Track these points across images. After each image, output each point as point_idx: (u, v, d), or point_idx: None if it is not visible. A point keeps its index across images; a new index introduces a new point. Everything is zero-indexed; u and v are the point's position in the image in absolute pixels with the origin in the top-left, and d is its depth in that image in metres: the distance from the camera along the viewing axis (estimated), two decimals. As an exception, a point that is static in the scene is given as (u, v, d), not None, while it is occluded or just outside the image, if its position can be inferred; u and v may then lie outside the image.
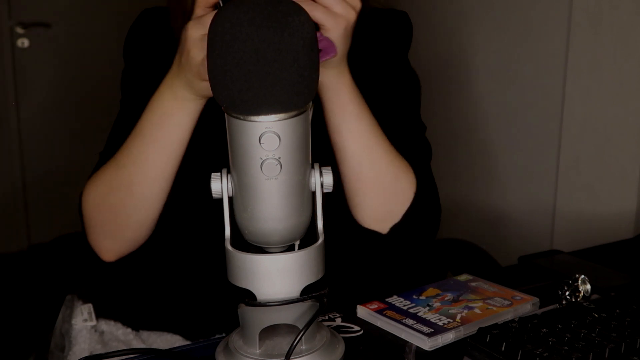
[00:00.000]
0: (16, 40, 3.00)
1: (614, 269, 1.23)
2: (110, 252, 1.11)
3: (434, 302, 1.02)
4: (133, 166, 1.04)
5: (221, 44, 0.72)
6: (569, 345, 0.87)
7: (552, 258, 1.39)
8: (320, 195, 0.82)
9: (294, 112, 0.75)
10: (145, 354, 0.97)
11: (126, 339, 1.17)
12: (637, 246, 1.55)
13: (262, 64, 0.72)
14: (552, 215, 2.15)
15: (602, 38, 1.96)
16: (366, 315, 1.01)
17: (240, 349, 0.85)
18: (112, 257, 1.11)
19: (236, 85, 0.73)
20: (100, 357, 0.95)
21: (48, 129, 3.07)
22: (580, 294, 1.03)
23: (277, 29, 0.72)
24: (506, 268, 1.43)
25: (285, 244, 0.82)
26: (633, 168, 1.94)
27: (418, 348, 0.94)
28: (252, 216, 0.79)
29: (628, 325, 0.92)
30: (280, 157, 0.76)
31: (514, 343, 0.88)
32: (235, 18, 0.72)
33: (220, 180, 0.81)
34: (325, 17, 0.93)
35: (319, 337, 0.86)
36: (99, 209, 1.08)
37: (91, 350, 1.15)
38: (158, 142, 1.02)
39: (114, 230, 1.08)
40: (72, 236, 2.01)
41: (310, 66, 0.74)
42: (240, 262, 0.81)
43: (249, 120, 0.75)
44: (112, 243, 1.10)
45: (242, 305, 0.83)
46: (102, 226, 1.09)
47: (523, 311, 1.02)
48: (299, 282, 0.81)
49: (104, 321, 1.20)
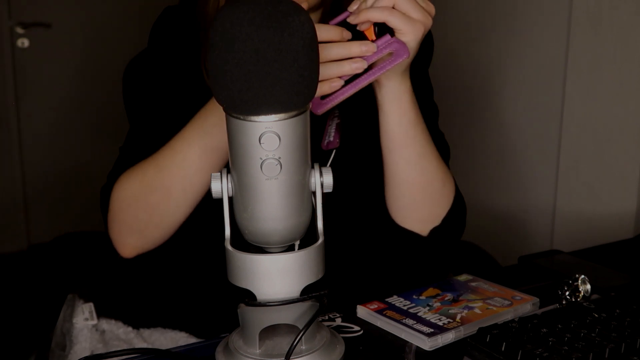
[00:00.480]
0: (16, 40, 2.99)
1: (614, 269, 1.23)
2: (132, 249, 1.11)
3: (434, 302, 1.02)
4: (176, 169, 1.04)
5: (221, 43, 0.72)
6: (569, 345, 0.87)
7: (552, 258, 1.39)
8: (320, 195, 0.82)
9: (294, 112, 0.75)
10: (145, 353, 0.97)
11: (127, 337, 1.17)
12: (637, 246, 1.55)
13: (262, 64, 0.72)
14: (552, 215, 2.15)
15: (602, 38, 1.96)
16: (366, 315, 1.01)
17: (240, 349, 0.85)
18: (132, 254, 1.11)
19: (236, 85, 0.73)
20: (100, 357, 0.95)
21: (48, 129, 3.07)
22: (580, 294, 1.03)
23: (277, 29, 0.72)
24: (506, 268, 1.43)
25: (285, 244, 0.82)
26: (633, 168, 1.94)
27: (418, 348, 0.94)
28: (252, 216, 0.79)
29: (628, 325, 0.92)
30: (280, 157, 0.76)
31: (514, 343, 0.88)
32: (235, 18, 0.72)
33: (220, 180, 0.81)
34: (403, 23, 0.94)
35: (319, 337, 0.86)
36: (133, 207, 1.07)
37: (92, 350, 1.15)
38: (204, 150, 1.02)
39: (143, 229, 1.08)
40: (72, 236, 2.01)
41: (310, 66, 0.74)
42: (240, 262, 0.81)
43: (249, 120, 0.75)
44: (138, 240, 1.10)
45: (242, 305, 0.83)
46: (133, 224, 1.09)
47: (523, 311, 1.02)
48: (299, 282, 0.81)
49: (105, 320, 1.20)
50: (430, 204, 1.11)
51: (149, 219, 1.07)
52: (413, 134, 1.05)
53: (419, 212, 1.11)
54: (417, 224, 1.11)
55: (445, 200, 1.11)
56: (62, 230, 2.06)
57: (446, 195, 1.12)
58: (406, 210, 1.11)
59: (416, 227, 1.11)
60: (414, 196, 1.09)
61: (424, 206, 1.11)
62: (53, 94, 3.06)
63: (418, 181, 1.08)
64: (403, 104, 1.04)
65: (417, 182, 1.08)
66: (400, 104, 1.03)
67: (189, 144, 1.03)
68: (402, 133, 1.05)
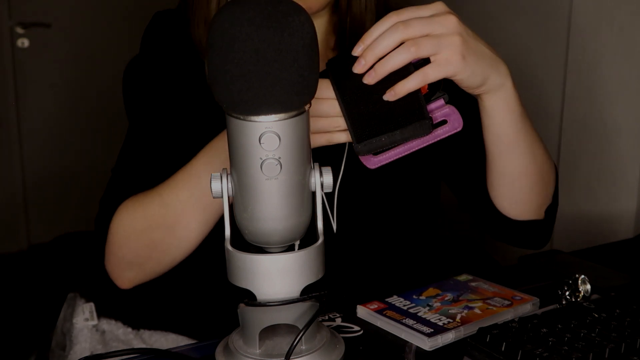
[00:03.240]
0: (16, 40, 2.99)
1: (614, 269, 1.23)
2: (130, 282, 1.07)
3: (434, 302, 1.02)
4: (180, 206, 1.00)
5: (221, 43, 0.72)
6: (569, 345, 0.87)
7: (552, 258, 1.39)
8: (320, 195, 0.82)
9: (294, 112, 0.75)
10: (145, 353, 0.97)
11: (126, 338, 1.17)
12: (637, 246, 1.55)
13: (262, 64, 0.72)
14: (552, 215, 2.15)
15: (602, 38, 1.96)
16: (366, 315, 1.01)
17: (240, 349, 0.85)
18: (130, 286, 1.08)
19: (236, 85, 0.73)
20: (100, 357, 0.95)
21: (48, 129, 3.07)
22: (580, 294, 1.03)
23: (277, 29, 0.72)
24: (506, 268, 1.43)
25: (285, 244, 0.82)
26: (633, 168, 1.94)
27: (418, 348, 0.94)
28: (252, 216, 0.79)
29: (628, 325, 0.92)
30: (280, 157, 0.76)
31: (514, 343, 0.88)
32: (235, 18, 0.72)
33: (220, 180, 0.81)
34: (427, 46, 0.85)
35: (319, 337, 0.86)
36: (134, 243, 1.03)
37: (92, 350, 1.15)
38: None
39: (143, 264, 1.05)
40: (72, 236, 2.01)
41: (310, 66, 0.74)
42: (241, 262, 0.81)
43: (249, 120, 0.75)
44: (137, 275, 1.06)
45: (242, 305, 0.83)
46: (133, 259, 1.05)
47: (523, 311, 1.02)
48: (299, 282, 0.81)
49: (105, 320, 1.20)
50: (545, 187, 1.07)
51: (150, 255, 1.04)
52: (522, 127, 0.98)
53: (537, 199, 1.06)
54: (535, 210, 1.07)
55: (553, 176, 1.08)
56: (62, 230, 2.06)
57: (553, 170, 1.08)
58: (524, 203, 1.06)
59: (534, 215, 1.07)
60: (531, 186, 1.04)
61: (541, 191, 1.06)
62: (53, 94, 3.06)
63: (532, 170, 1.02)
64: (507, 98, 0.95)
65: (532, 172, 1.03)
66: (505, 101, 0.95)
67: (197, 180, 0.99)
68: (512, 132, 0.98)
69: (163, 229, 1.02)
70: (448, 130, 0.91)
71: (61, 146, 3.08)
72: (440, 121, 0.91)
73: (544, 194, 1.08)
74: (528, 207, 1.07)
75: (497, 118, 0.97)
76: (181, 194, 1.00)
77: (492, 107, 0.96)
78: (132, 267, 1.06)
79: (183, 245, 1.03)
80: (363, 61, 0.86)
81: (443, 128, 0.91)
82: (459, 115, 0.91)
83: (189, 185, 1.00)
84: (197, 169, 0.99)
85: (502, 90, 0.94)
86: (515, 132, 0.98)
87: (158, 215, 1.01)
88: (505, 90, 0.94)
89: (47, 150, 3.09)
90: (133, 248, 1.04)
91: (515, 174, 1.03)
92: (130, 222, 1.03)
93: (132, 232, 1.03)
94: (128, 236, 1.03)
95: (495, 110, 0.96)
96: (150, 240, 1.03)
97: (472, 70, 0.88)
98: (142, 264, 1.05)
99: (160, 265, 1.05)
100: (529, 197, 1.06)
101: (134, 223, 1.03)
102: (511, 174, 1.03)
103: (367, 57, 0.86)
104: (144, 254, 1.04)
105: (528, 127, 1.00)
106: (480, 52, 0.89)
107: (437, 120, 0.90)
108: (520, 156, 1.01)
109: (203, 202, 0.99)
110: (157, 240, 1.02)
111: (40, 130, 3.07)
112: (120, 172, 1.09)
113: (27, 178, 3.10)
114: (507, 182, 1.04)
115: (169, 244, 1.03)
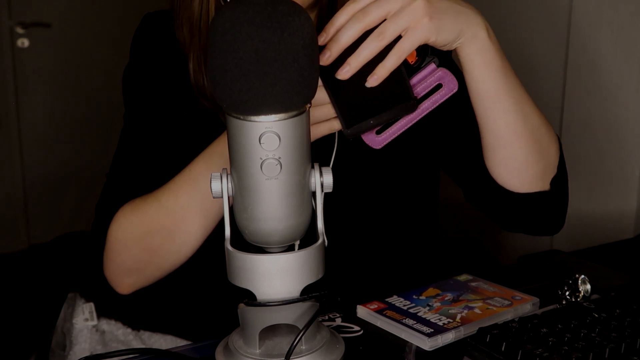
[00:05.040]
0: (16, 40, 2.99)
1: (614, 269, 1.23)
2: (129, 288, 1.07)
3: (434, 302, 1.02)
4: (180, 211, 0.99)
5: (221, 43, 0.72)
6: (569, 345, 0.87)
7: (552, 258, 1.39)
8: (320, 195, 0.82)
9: (294, 112, 0.75)
10: (145, 354, 0.97)
11: (126, 339, 1.17)
12: (637, 246, 1.55)
13: (262, 64, 0.72)
14: (552, 215, 2.15)
15: (602, 38, 1.96)
16: (366, 315, 1.01)
17: (240, 349, 0.85)
18: (129, 291, 1.07)
19: (236, 85, 0.73)
20: (100, 357, 0.95)
21: (48, 129, 3.07)
22: (580, 294, 1.03)
23: (277, 29, 0.72)
24: (506, 268, 1.44)
25: (285, 244, 0.82)
26: (633, 168, 1.94)
27: (418, 348, 0.94)
28: (252, 216, 0.79)
29: (628, 325, 0.92)
30: (280, 157, 0.76)
31: (514, 343, 0.88)
32: (235, 18, 0.72)
33: (220, 180, 0.81)
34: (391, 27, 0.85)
35: (319, 337, 0.86)
36: (133, 249, 1.03)
37: (92, 350, 1.15)
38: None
39: (143, 269, 1.04)
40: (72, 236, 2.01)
41: (310, 66, 0.74)
42: (241, 262, 0.81)
43: (249, 120, 0.75)
44: (137, 280, 1.06)
45: (242, 305, 0.83)
46: (132, 265, 1.04)
47: (523, 311, 1.02)
48: (299, 282, 0.81)
49: (105, 320, 1.20)
50: (542, 153, 1.02)
51: (149, 260, 1.04)
52: (505, 82, 0.95)
53: (536, 166, 1.02)
54: (537, 181, 1.03)
55: (554, 144, 1.04)
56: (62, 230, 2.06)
57: (554, 139, 1.04)
58: (522, 170, 1.02)
59: (536, 185, 1.03)
60: (525, 151, 1.00)
61: (539, 158, 1.02)
62: (53, 94, 3.06)
63: (523, 131, 0.98)
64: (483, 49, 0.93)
65: (523, 133, 0.98)
66: (481, 52, 0.93)
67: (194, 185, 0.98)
68: (493, 86, 0.95)
69: (162, 234, 1.01)
70: (445, 93, 0.90)
71: (61, 146, 3.08)
72: (436, 86, 0.91)
73: (543, 162, 1.03)
74: (526, 175, 1.02)
75: (475, 71, 0.94)
76: (180, 199, 0.99)
77: (468, 58, 0.93)
78: (131, 273, 1.05)
79: (183, 250, 1.03)
80: (328, 53, 0.86)
81: (440, 92, 0.91)
82: (453, 76, 0.90)
83: (188, 189, 0.99)
84: (196, 173, 0.99)
85: (476, 41, 0.92)
86: (497, 86, 0.95)
87: (157, 220, 1.01)
88: (479, 40, 0.92)
89: (47, 150, 3.09)
90: (132, 254, 1.03)
91: (506, 136, 0.99)
92: (128, 229, 1.02)
93: (131, 239, 1.02)
94: (127, 243, 1.03)
95: (473, 62, 0.94)
96: (149, 246, 1.02)
97: (442, 27, 0.87)
98: (142, 269, 1.04)
99: (160, 270, 1.05)
100: (525, 163, 1.01)
101: (133, 229, 1.02)
102: (502, 136, 0.99)
103: (333, 50, 0.86)
104: (143, 259, 1.03)
105: (513, 83, 0.97)
106: (445, 7, 0.88)
107: (432, 85, 0.90)
108: (507, 113, 0.97)
109: (202, 206, 0.98)
110: (156, 246, 1.02)
111: (40, 130, 3.07)
112: (115, 177, 1.08)
113: (27, 178, 3.10)
114: (499, 145, 1.00)
115: (169, 249, 1.02)
